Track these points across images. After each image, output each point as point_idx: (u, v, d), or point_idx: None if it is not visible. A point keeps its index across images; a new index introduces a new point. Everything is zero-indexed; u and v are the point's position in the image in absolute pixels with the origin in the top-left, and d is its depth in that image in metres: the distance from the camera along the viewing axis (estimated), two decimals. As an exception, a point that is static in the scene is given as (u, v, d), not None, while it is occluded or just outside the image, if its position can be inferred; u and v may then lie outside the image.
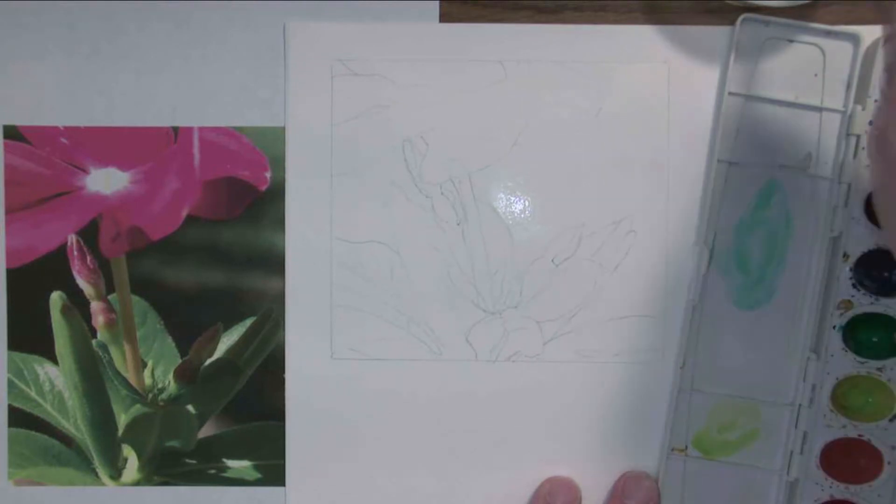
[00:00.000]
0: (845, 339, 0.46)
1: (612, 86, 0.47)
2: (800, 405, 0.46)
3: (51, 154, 0.47)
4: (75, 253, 0.47)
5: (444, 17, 0.47)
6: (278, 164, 0.47)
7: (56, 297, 0.48)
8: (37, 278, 0.47)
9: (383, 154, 0.47)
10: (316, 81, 0.47)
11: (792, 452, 0.46)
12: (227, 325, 0.48)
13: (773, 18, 0.46)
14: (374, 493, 0.48)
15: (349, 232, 0.47)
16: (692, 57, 0.47)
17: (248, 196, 0.48)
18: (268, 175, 0.47)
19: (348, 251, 0.47)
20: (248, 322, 0.48)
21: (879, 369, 0.46)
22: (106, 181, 0.47)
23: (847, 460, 0.46)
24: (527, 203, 0.47)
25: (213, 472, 0.48)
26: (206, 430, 0.48)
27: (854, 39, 0.46)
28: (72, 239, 0.47)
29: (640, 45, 0.47)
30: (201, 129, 0.47)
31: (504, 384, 0.48)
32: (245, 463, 0.48)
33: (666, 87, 0.47)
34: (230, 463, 0.48)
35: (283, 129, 0.47)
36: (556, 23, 0.47)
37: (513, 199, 0.47)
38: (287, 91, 0.47)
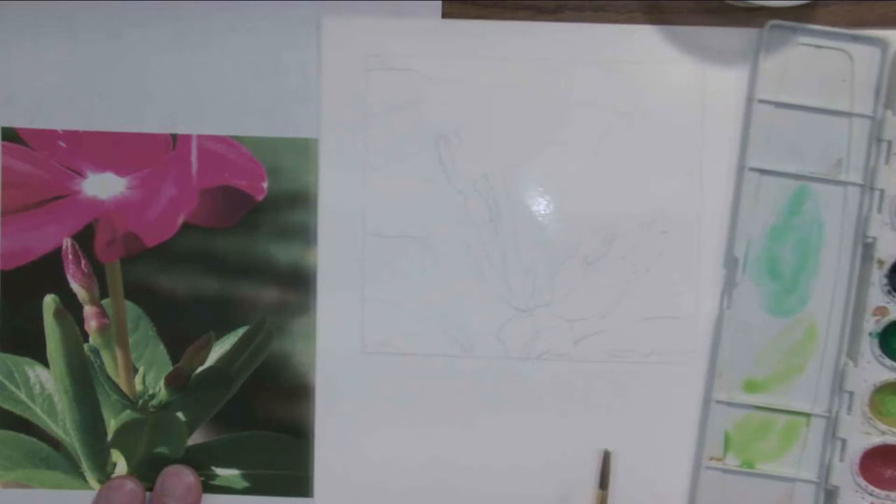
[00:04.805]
0: (882, 346, 0.45)
1: (647, 87, 0.47)
2: (837, 413, 0.46)
3: (48, 157, 0.47)
4: (70, 257, 0.47)
5: (445, 17, 0.47)
6: (276, 174, 0.47)
7: (49, 301, 0.48)
8: (31, 281, 0.47)
9: (417, 149, 0.47)
10: (350, 75, 0.47)
11: (830, 460, 0.46)
12: (220, 334, 0.48)
13: (799, 24, 0.45)
14: (401, 487, 0.48)
15: (382, 226, 0.47)
16: (722, 62, 0.46)
17: (245, 205, 0.47)
18: (265, 185, 0.47)
19: (380, 246, 0.47)
20: (241, 331, 0.48)
21: None
22: (103, 186, 0.47)
23: (887, 467, 0.46)
24: (560, 201, 0.47)
25: (201, 479, 0.48)
26: (196, 438, 0.48)
27: (882, 44, 0.45)
28: (67, 243, 0.47)
29: (671, 47, 0.47)
30: (200, 136, 0.47)
31: (534, 382, 0.47)
32: (233, 471, 0.48)
33: (697, 91, 0.47)
34: (218, 471, 0.48)
35: (282, 139, 0.47)
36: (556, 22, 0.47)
37: (546, 197, 0.47)
38: (321, 85, 0.47)
